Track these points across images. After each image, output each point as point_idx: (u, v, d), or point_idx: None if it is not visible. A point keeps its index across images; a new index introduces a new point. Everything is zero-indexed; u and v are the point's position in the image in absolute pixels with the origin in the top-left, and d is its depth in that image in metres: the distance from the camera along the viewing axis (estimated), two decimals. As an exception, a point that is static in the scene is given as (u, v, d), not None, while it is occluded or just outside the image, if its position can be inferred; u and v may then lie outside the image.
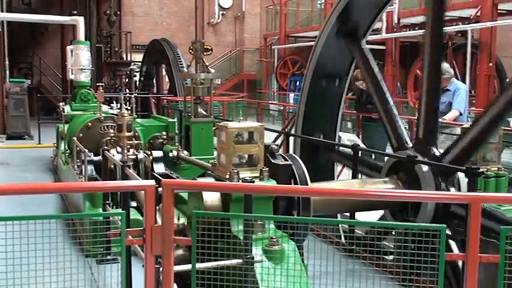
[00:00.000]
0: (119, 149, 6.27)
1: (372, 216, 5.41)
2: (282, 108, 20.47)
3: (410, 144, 5.18)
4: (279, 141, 8.23)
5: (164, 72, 17.13)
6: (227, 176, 3.81)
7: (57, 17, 16.41)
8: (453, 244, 4.24)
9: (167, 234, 2.95)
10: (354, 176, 5.57)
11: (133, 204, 5.33)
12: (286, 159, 4.10)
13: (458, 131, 7.10)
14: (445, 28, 5.01)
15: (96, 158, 6.29)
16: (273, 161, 4.04)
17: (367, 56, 6.10)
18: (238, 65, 27.98)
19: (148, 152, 6.31)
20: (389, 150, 6.39)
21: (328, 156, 6.68)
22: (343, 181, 6.44)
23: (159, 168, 6.08)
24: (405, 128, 5.69)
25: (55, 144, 10.63)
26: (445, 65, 8.47)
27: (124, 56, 21.91)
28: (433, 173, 4.66)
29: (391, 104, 5.64)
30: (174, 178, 5.90)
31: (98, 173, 6.39)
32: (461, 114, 8.09)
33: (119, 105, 8.01)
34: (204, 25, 27.49)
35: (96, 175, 6.37)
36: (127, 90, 18.01)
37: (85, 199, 6.09)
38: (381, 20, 17.28)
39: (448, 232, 3.99)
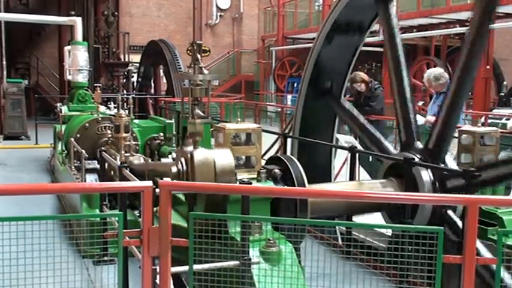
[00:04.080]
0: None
1: (371, 218, 5.41)
2: (279, 109, 20.47)
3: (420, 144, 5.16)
4: (276, 146, 8.24)
5: (162, 73, 17.13)
6: (225, 178, 3.81)
7: (55, 17, 16.42)
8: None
9: (164, 235, 2.95)
10: (352, 178, 5.57)
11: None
12: (292, 180, 4.06)
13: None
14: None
15: (98, 166, 6.23)
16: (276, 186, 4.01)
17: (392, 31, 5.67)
18: (236, 66, 27.96)
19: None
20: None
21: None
22: (341, 183, 6.44)
23: None
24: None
25: (52, 145, 10.62)
26: (440, 70, 8.49)
27: (122, 56, 21.89)
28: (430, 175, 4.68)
29: (409, 100, 5.50)
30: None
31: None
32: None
33: (116, 106, 8.00)
34: (202, 26, 27.47)
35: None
36: (124, 91, 17.99)
37: (82, 200, 6.08)
38: (378, 22, 17.29)
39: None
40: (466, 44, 4.64)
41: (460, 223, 4.28)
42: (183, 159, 3.83)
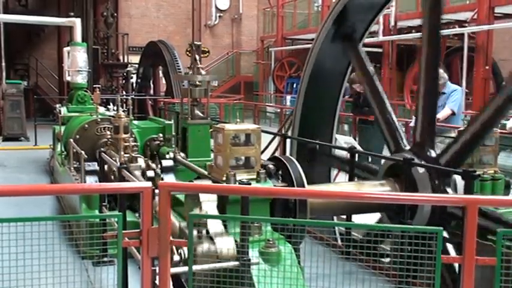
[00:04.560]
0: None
1: (369, 219, 5.41)
2: (278, 110, 20.48)
3: (407, 147, 5.18)
4: (274, 144, 8.23)
5: (161, 74, 17.13)
6: (224, 178, 3.81)
7: (54, 18, 16.41)
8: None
9: (164, 236, 2.95)
10: (351, 179, 5.57)
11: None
12: (284, 180, 4.06)
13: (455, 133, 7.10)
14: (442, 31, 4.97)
15: (97, 168, 6.22)
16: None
17: (364, 59, 6.08)
18: (235, 67, 27.97)
19: (153, 165, 6.25)
20: (386, 152, 6.39)
21: (325, 160, 6.68)
22: (340, 183, 6.44)
23: (170, 179, 6.00)
24: (402, 130, 5.66)
25: (51, 146, 10.61)
26: (439, 70, 8.48)
27: (121, 57, 21.89)
28: (429, 175, 4.67)
29: (388, 107, 5.63)
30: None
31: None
32: (454, 113, 8.10)
33: (115, 107, 8.00)
34: (201, 27, 27.48)
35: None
36: (124, 92, 17.99)
37: (81, 201, 6.08)
38: (377, 22, 17.31)
39: (445, 235, 4.00)
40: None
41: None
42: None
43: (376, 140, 8.25)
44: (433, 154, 4.89)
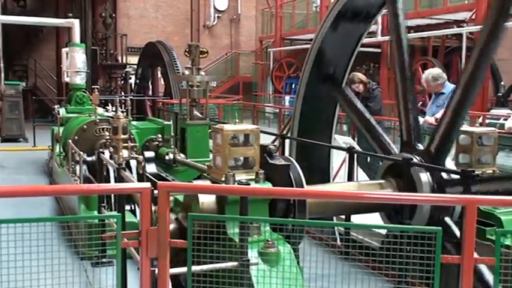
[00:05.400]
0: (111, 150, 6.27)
1: (369, 219, 5.41)
2: (277, 110, 20.48)
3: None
4: (276, 143, 8.22)
5: (160, 75, 17.12)
6: (223, 179, 3.81)
7: (52, 19, 16.44)
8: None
9: (163, 236, 2.95)
10: (350, 179, 5.58)
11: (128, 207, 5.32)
12: (291, 181, 4.07)
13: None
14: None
15: (89, 158, 6.29)
16: (270, 161, 4.03)
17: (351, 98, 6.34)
18: (234, 67, 27.97)
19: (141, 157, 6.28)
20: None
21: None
22: (339, 183, 6.44)
23: (151, 168, 6.08)
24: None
25: (50, 147, 10.61)
26: (438, 70, 8.49)
27: (119, 58, 21.89)
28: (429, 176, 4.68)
29: (385, 138, 5.72)
30: (169, 180, 5.90)
31: (92, 173, 6.38)
32: None
33: (114, 107, 8.00)
34: (199, 28, 27.47)
35: (89, 175, 6.36)
36: (122, 93, 17.99)
37: (80, 202, 6.08)
38: (376, 22, 17.31)
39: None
40: (477, 46, 4.55)
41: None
42: None
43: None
44: (421, 147, 4.98)
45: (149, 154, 6.32)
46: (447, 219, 4.52)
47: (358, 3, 6.22)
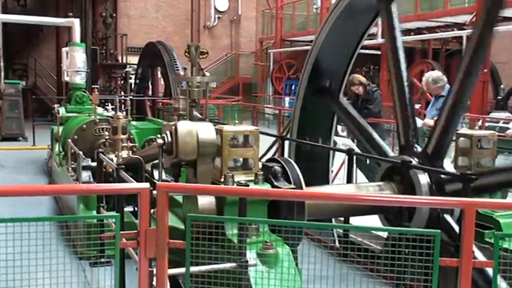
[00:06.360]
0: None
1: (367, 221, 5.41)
2: (277, 111, 20.49)
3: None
4: (275, 148, 8.22)
5: (159, 75, 17.11)
6: (222, 180, 3.81)
7: (52, 18, 16.42)
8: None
9: (161, 237, 2.95)
10: (349, 181, 5.57)
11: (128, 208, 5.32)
12: (289, 182, 4.06)
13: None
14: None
15: (93, 164, 6.25)
16: (275, 183, 4.01)
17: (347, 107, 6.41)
18: (234, 68, 27.98)
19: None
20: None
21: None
22: (338, 185, 6.44)
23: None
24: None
25: (49, 146, 10.60)
26: (438, 73, 8.50)
27: (119, 58, 21.89)
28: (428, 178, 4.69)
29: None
30: (168, 180, 5.89)
31: (93, 175, 6.36)
32: None
33: (114, 107, 8.00)
34: (200, 28, 27.48)
35: (92, 181, 6.35)
36: (122, 93, 17.99)
37: (79, 201, 6.07)
38: (376, 25, 17.31)
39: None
40: (468, 49, 4.67)
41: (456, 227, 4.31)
42: (168, 132, 3.96)
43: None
44: (419, 149, 5.02)
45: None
46: (447, 217, 4.51)
47: (359, 4, 6.22)
